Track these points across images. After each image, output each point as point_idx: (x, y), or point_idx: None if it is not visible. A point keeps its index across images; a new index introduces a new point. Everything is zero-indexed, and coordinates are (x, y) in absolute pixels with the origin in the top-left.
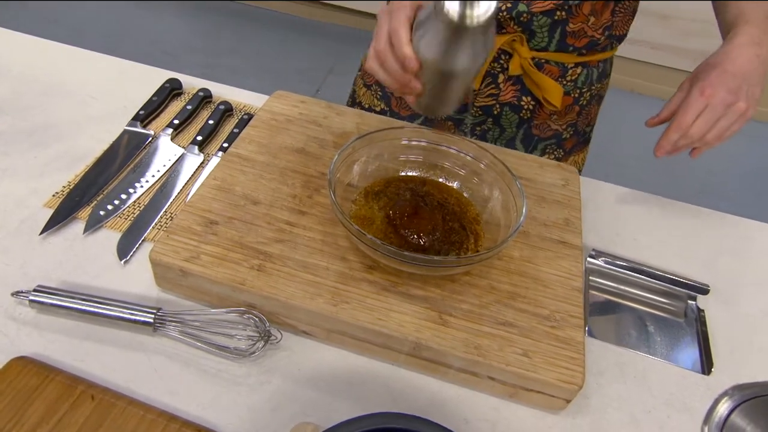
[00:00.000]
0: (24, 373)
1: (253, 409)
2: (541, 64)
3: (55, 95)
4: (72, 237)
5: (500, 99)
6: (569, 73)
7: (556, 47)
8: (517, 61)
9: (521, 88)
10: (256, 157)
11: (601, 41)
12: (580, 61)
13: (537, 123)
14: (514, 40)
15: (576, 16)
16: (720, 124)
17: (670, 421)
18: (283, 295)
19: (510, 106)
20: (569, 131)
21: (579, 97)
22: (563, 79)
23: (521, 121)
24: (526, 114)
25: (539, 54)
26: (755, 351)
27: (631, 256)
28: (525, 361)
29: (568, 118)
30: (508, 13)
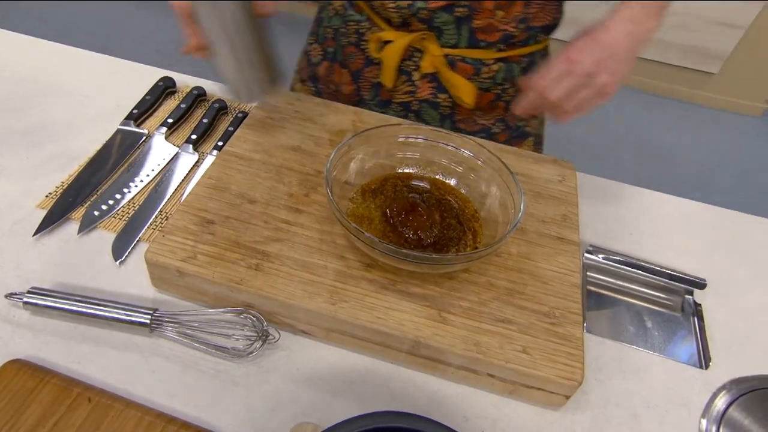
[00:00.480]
0: (19, 376)
1: (252, 409)
2: (454, 62)
3: (48, 95)
4: (66, 238)
5: (417, 96)
6: (485, 70)
7: (467, 44)
8: (429, 59)
9: (437, 86)
10: (252, 156)
11: (517, 35)
12: (500, 56)
13: (460, 118)
14: (424, 38)
15: (480, 12)
16: (580, 95)
17: (668, 415)
18: (281, 294)
19: (428, 103)
20: (499, 126)
21: (502, 93)
22: (478, 77)
23: (442, 117)
24: (445, 110)
25: (452, 51)
26: (752, 344)
27: (627, 252)
28: (524, 358)
29: (495, 113)
30: (408, 10)
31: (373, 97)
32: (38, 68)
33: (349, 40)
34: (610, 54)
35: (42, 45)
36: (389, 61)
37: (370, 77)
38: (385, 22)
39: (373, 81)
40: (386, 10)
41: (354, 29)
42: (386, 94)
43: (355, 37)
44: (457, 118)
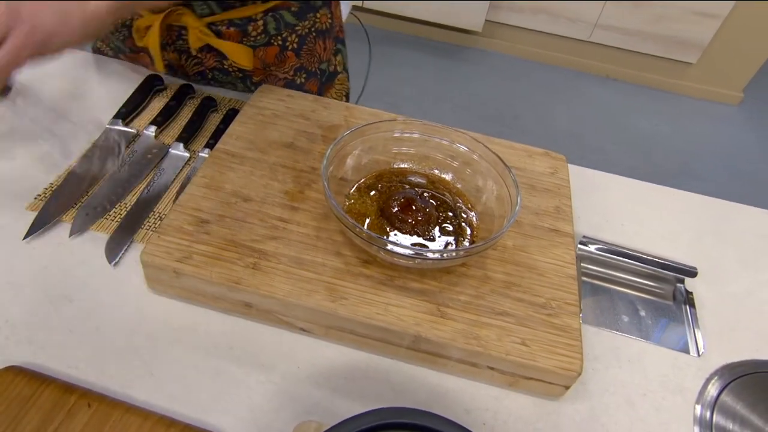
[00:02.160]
0: (16, 383)
1: (254, 409)
2: (219, 31)
3: (32, 94)
4: (57, 240)
5: (206, 65)
6: (251, 28)
7: (222, 9)
8: (194, 33)
9: (218, 53)
10: (245, 153)
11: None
12: (268, 8)
13: (259, 79)
14: (181, 14)
15: None
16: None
17: (664, 402)
18: (280, 292)
19: (218, 71)
20: (301, 75)
21: (284, 42)
22: (247, 37)
23: (242, 79)
24: (237, 74)
25: (214, 19)
26: (743, 330)
27: (619, 242)
28: (524, 349)
29: (289, 63)
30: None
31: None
32: None
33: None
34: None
35: None
36: (154, 45)
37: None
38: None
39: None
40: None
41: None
42: (180, 69)
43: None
44: (257, 80)
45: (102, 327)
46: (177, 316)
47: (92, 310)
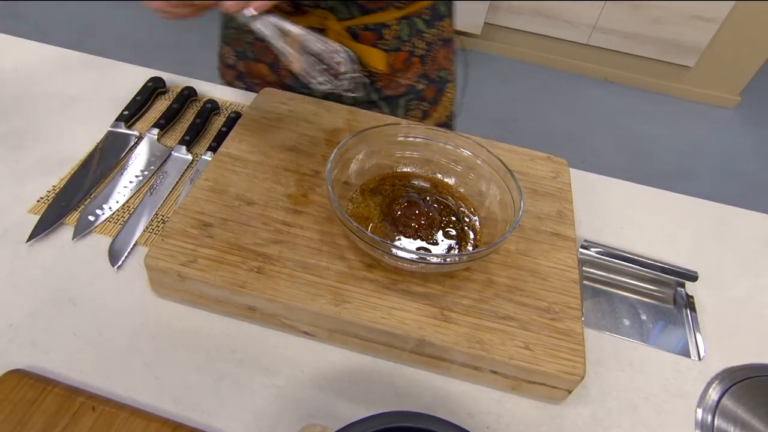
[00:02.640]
0: (20, 387)
1: (259, 413)
2: (356, 33)
3: (33, 96)
4: (60, 243)
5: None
6: (386, 33)
7: (362, 13)
8: (332, 35)
9: None
10: (248, 157)
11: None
12: (402, 15)
13: (383, 84)
14: (324, 18)
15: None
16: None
17: (666, 406)
18: (284, 296)
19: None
20: (423, 82)
21: (413, 49)
22: (382, 41)
23: (365, 86)
24: (364, 78)
25: (351, 23)
26: (743, 334)
27: (620, 246)
28: (527, 353)
29: (414, 70)
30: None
31: (296, 82)
32: (21, 69)
33: (255, 36)
34: None
35: (23, 45)
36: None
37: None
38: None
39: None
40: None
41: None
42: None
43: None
44: (380, 85)
45: (105, 330)
46: (180, 319)
47: (96, 313)
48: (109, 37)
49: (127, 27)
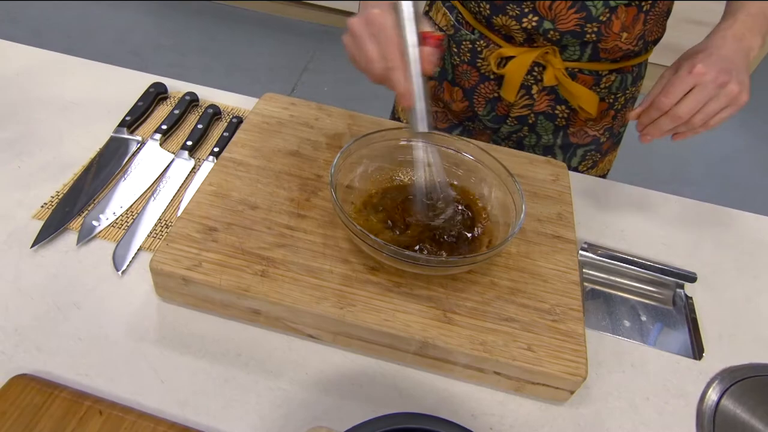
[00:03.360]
0: (27, 391)
1: (264, 415)
2: (574, 74)
3: (35, 102)
4: (65, 249)
5: (535, 109)
6: (603, 81)
7: (589, 58)
8: (551, 72)
9: (555, 98)
10: (251, 161)
11: (637, 51)
12: (615, 68)
13: (573, 131)
14: (547, 53)
15: (607, 37)
16: (710, 107)
17: (667, 406)
18: (288, 300)
19: (545, 115)
20: (605, 135)
21: (614, 102)
22: (597, 87)
23: (557, 129)
24: (561, 122)
25: (572, 64)
26: (742, 334)
27: (620, 248)
28: (530, 355)
29: (604, 122)
30: (535, 29)
31: (488, 113)
32: (21, 74)
33: (462, 59)
34: (732, 64)
35: (23, 50)
36: (514, 75)
37: (485, 93)
38: (503, 39)
39: (488, 97)
40: (510, 30)
41: (468, 48)
42: (503, 108)
43: (469, 55)
44: (571, 131)
45: (111, 334)
46: (185, 323)
47: (101, 317)
48: (106, 41)
49: (125, 31)
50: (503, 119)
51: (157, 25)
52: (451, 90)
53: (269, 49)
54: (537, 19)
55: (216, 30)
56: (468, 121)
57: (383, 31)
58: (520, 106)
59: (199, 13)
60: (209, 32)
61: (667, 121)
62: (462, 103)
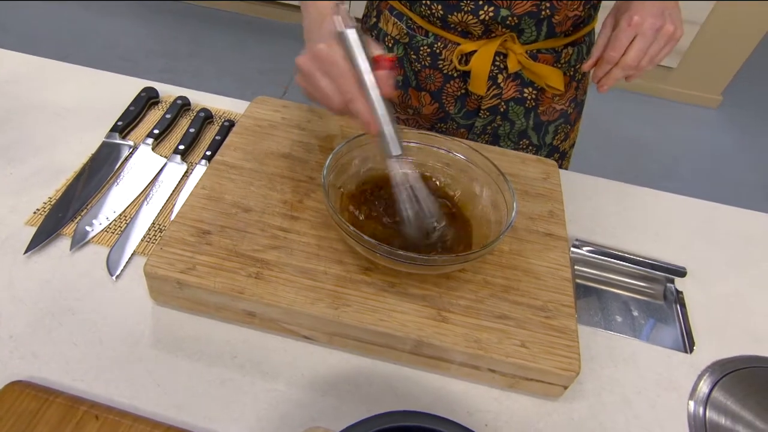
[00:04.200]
0: (22, 398)
1: (261, 417)
2: (535, 56)
3: (26, 108)
4: (58, 254)
5: (504, 97)
6: (563, 56)
7: (546, 37)
8: (514, 58)
9: (521, 82)
10: (243, 164)
11: (583, 16)
12: (569, 41)
13: (543, 109)
14: (506, 41)
15: (559, 9)
16: (652, 50)
17: (659, 399)
18: (283, 301)
19: (514, 101)
20: (571, 106)
21: (574, 74)
22: (558, 63)
23: (527, 111)
24: (531, 103)
25: (531, 46)
26: (731, 327)
27: (611, 244)
28: (524, 351)
29: (569, 95)
30: (492, 19)
31: (459, 110)
32: (12, 81)
33: (423, 64)
34: (663, 6)
35: (14, 57)
36: (480, 69)
37: (452, 92)
38: (460, 36)
39: (456, 95)
40: (467, 25)
41: (427, 52)
42: (473, 103)
43: (429, 59)
44: (540, 110)
45: (106, 339)
46: (180, 326)
47: (96, 322)
48: (96, 47)
49: (114, 37)
50: (475, 113)
51: (146, 31)
52: (418, 95)
53: (259, 53)
54: (493, 9)
55: (205, 34)
56: (440, 122)
57: (334, 66)
58: (489, 97)
59: (188, 18)
60: (199, 37)
61: (618, 71)
62: (431, 106)
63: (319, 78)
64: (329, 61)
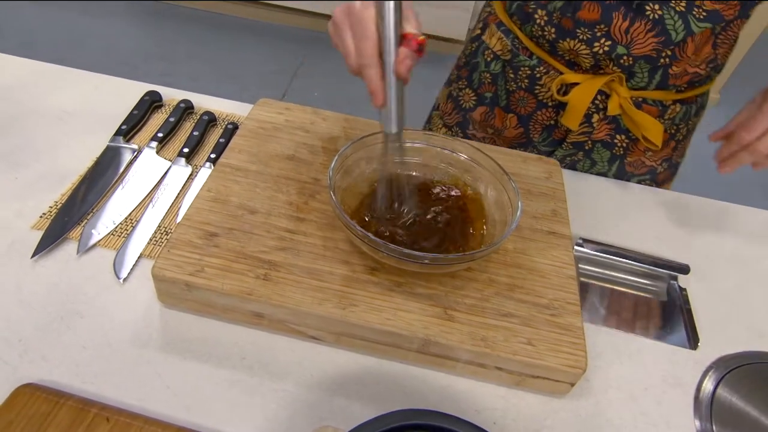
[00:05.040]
0: (33, 401)
1: (271, 418)
2: (639, 104)
3: (30, 113)
4: (65, 258)
5: (593, 137)
6: (668, 112)
7: (656, 87)
8: (616, 101)
9: (616, 127)
10: (248, 167)
11: (702, 75)
12: (679, 98)
13: (630, 160)
14: (613, 80)
15: (680, 60)
16: None
17: (665, 396)
18: (291, 302)
19: (602, 144)
20: (663, 165)
21: (676, 133)
22: (662, 118)
23: (613, 157)
24: (619, 151)
25: (638, 93)
26: (735, 324)
27: (614, 242)
28: (530, 349)
29: (663, 153)
30: (606, 54)
31: (544, 139)
32: (16, 86)
33: (519, 85)
34: None
35: (16, 62)
36: (578, 103)
37: (542, 120)
38: (566, 65)
39: (545, 123)
40: (577, 55)
41: (526, 74)
42: (559, 133)
43: (527, 81)
44: (628, 160)
45: (115, 342)
46: (189, 328)
47: (104, 325)
48: (95, 52)
49: (113, 41)
50: (559, 143)
51: (145, 35)
52: (504, 117)
53: (258, 56)
54: (610, 43)
55: (204, 38)
56: (519, 147)
57: (361, 25)
58: (578, 133)
59: (187, 22)
60: (198, 40)
61: (746, 156)
62: (516, 130)
63: (346, 32)
64: (359, 18)
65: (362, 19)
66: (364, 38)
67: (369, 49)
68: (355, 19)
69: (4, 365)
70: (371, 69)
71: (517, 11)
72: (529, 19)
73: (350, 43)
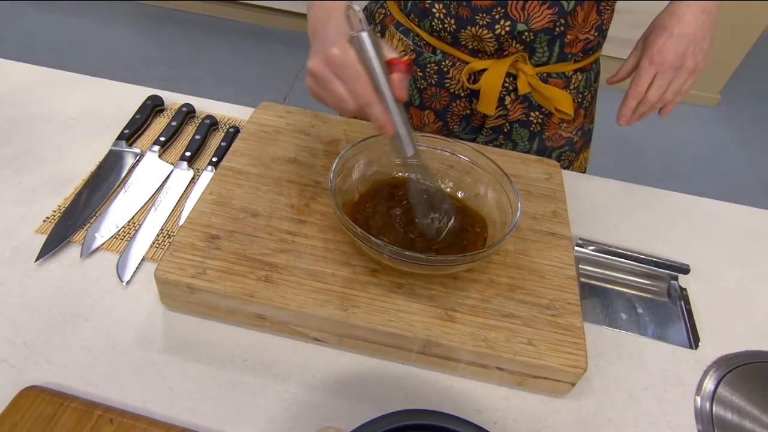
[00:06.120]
0: (37, 403)
1: (273, 419)
2: (545, 79)
3: (32, 118)
4: (69, 262)
5: (509, 118)
6: (572, 82)
7: (557, 59)
8: (524, 79)
9: (528, 105)
10: (250, 170)
11: (592, 41)
12: (578, 67)
13: (548, 135)
14: (517, 60)
15: (573, 28)
16: (674, 85)
17: (666, 395)
18: (293, 304)
19: (519, 123)
20: (578, 134)
21: (582, 101)
22: (567, 89)
23: (532, 135)
24: (536, 128)
25: (542, 69)
26: (735, 323)
27: (614, 243)
28: (531, 349)
29: (576, 123)
30: (509, 34)
31: (463, 129)
32: (18, 91)
33: (429, 82)
34: (690, 41)
35: (18, 67)
36: (490, 88)
37: (458, 111)
38: (470, 54)
39: (461, 114)
40: (480, 41)
41: (434, 70)
42: (477, 120)
43: (436, 77)
44: (546, 135)
45: (118, 344)
46: (192, 330)
47: (108, 328)
48: (96, 57)
49: (113, 46)
50: (478, 130)
51: (147, 39)
52: (421, 114)
53: (259, 60)
54: (510, 23)
55: (205, 42)
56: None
57: (348, 70)
58: (494, 117)
59: (189, 26)
60: (198, 44)
61: (642, 107)
62: (435, 125)
63: (334, 82)
64: (344, 65)
65: (347, 64)
66: (355, 81)
67: (365, 89)
68: (337, 66)
69: (9, 368)
70: (375, 106)
71: (413, 9)
72: (426, 14)
73: (342, 90)
